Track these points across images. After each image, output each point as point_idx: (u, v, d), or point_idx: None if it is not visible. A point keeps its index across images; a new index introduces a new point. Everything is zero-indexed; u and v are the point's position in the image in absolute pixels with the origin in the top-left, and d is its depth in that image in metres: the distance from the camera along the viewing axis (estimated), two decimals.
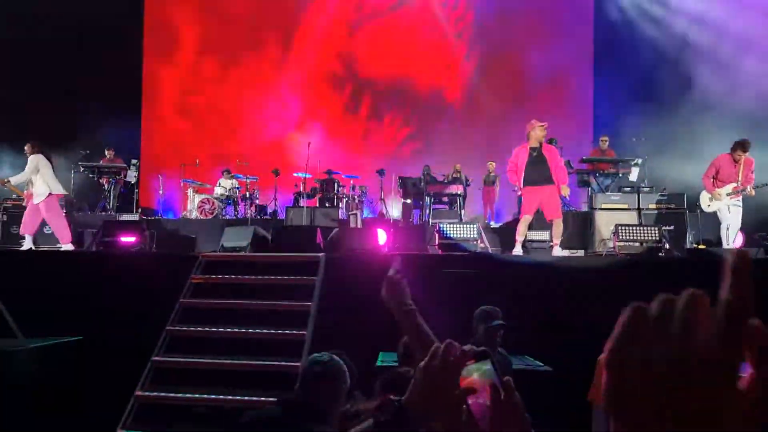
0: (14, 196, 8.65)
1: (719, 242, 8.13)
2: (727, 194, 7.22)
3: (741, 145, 7.12)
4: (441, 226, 6.18)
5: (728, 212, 7.20)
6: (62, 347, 4.92)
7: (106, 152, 10.76)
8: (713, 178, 7.33)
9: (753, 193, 7.19)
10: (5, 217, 8.91)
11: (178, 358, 4.98)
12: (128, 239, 6.78)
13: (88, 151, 10.37)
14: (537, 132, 6.61)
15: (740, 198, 7.23)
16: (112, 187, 10.35)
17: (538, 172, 6.61)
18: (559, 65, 13.03)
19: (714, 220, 7.78)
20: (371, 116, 14.24)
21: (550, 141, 9.76)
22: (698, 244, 7.73)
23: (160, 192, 11.28)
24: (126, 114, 12.80)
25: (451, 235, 6.02)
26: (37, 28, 11.49)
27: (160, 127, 14.03)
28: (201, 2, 14.28)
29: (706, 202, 7.44)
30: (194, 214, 10.21)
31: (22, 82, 11.27)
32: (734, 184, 7.19)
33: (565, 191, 6.52)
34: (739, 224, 7.22)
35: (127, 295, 5.51)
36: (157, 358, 4.96)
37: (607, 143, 10.09)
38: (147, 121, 14.04)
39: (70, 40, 11.77)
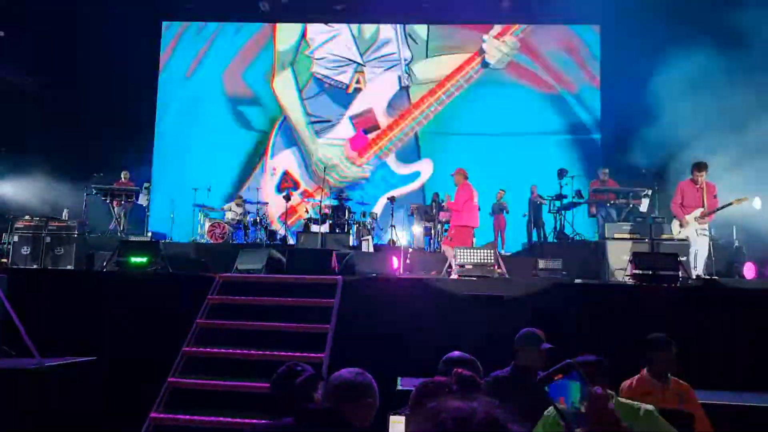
0: (26, 217, 8.67)
1: (728, 273, 8.13)
2: (695, 218, 7.18)
3: (696, 166, 7.14)
4: (458, 252, 6.20)
5: (696, 236, 7.17)
6: (78, 367, 4.87)
7: (122, 175, 10.85)
8: (681, 204, 7.33)
9: (743, 201, 6.97)
10: (16, 238, 8.92)
11: (195, 379, 4.94)
12: (143, 259, 6.78)
13: (102, 174, 10.42)
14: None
15: (707, 226, 7.18)
16: (123, 210, 10.39)
17: None
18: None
19: (721, 251, 7.76)
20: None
21: (560, 172, 9.86)
22: (710, 275, 7.70)
23: (171, 215, 11.32)
24: (141, 138, 13.00)
25: (468, 261, 6.04)
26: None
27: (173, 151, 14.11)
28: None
29: (676, 229, 7.43)
30: (204, 239, 10.22)
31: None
32: (701, 209, 7.15)
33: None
34: (706, 252, 7.14)
35: (143, 315, 5.49)
36: (173, 380, 4.92)
37: (607, 174, 10.02)
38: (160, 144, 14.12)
39: (92, 70, 11.92)
